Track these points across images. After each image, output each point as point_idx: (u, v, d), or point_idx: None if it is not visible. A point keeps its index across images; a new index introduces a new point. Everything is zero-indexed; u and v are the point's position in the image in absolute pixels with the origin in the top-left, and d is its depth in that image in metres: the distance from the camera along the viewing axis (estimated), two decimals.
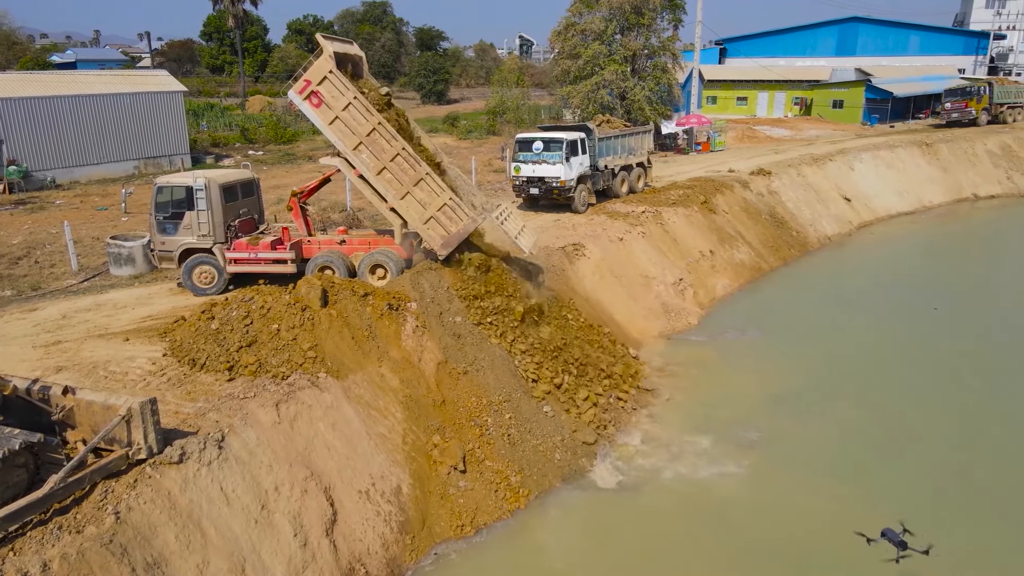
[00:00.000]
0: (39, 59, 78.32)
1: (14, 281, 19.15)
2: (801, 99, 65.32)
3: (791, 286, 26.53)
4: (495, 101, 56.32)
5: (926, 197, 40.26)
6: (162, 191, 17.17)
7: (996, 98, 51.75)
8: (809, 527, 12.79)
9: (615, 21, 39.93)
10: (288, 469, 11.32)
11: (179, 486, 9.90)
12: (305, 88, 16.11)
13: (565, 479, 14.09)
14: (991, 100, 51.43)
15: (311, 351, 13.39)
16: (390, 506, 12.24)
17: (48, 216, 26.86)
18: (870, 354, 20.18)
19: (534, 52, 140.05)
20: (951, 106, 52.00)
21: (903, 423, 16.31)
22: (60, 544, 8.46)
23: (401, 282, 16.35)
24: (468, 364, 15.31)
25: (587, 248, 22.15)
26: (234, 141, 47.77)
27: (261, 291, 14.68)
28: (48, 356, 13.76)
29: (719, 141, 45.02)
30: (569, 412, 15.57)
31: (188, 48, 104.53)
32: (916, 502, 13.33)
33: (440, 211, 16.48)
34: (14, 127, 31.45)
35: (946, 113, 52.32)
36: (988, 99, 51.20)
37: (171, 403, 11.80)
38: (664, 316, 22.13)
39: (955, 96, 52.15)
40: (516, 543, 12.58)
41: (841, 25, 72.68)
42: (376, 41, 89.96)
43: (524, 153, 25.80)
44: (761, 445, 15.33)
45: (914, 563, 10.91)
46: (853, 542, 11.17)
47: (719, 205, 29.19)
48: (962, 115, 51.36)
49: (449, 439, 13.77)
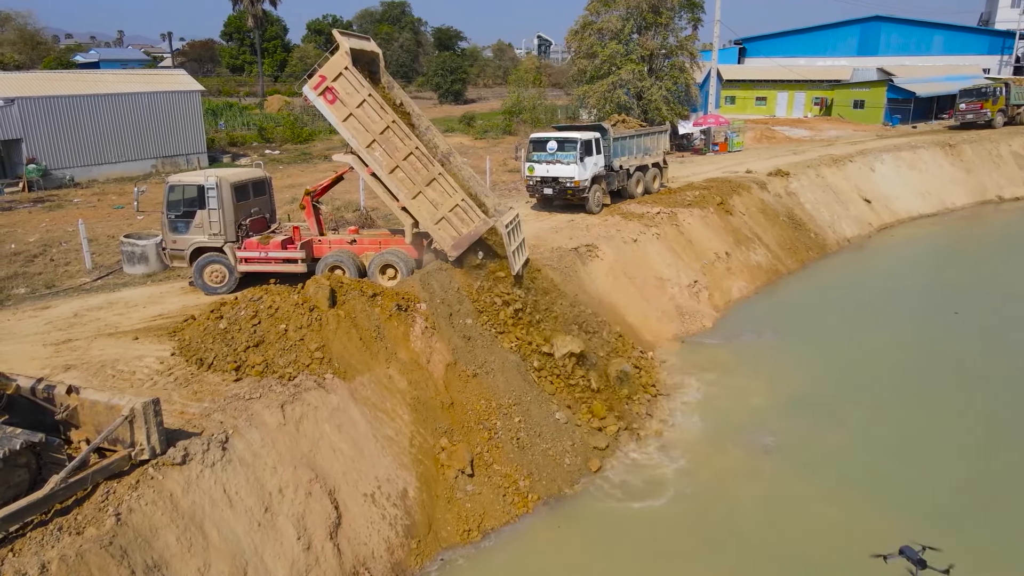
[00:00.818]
0: (63, 59, 79.35)
1: (29, 279, 19.27)
2: (821, 99, 64.51)
3: (809, 289, 26.11)
4: (511, 101, 56.15)
5: (949, 199, 39.53)
6: (174, 190, 17.17)
7: (1013, 99, 49.89)
8: (823, 537, 12.49)
9: (632, 20, 39.64)
10: (292, 471, 11.22)
11: (181, 487, 9.82)
12: (320, 84, 16.05)
13: (574, 484, 13.88)
14: (1008, 101, 49.58)
15: (318, 352, 13.29)
16: (396, 509, 12.10)
17: (65, 214, 27.07)
18: (888, 358, 19.77)
19: (552, 52, 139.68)
20: (965, 107, 50.27)
21: (921, 430, 15.93)
22: (60, 545, 8.40)
23: (411, 282, 16.23)
24: (478, 366, 15.15)
25: (600, 249, 21.90)
26: (251, 140, 48.01)
27: (269, 291, 14.61)
28: (58, 354, 13.77)
29: (737, 141, 44.52)
30: (581, 416, 15.37)
31: (209, 48, 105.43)
32: (934, 512, 13.02)
33: (452, 212, 16.36)
34: (34, 126, 31.77)
35: (960, 115, 50.61)
36: (1004, 100, 49.35)
37: (177, 403, 11.76)
38: (678, 318, 21.84)
39: (970, 97, 50.47)
40: (523, 549, 12.40)
41: (863, 24, 71.64)
42: (394, 41, 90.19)
43: (538, 153, 25.59)
44: (776, 451, 15.03)
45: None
46: (867, 555, 10.86)
47: (736, 206, 28.81)
48: (977, 116, 49.60)
49: (457, 442, 13.61)
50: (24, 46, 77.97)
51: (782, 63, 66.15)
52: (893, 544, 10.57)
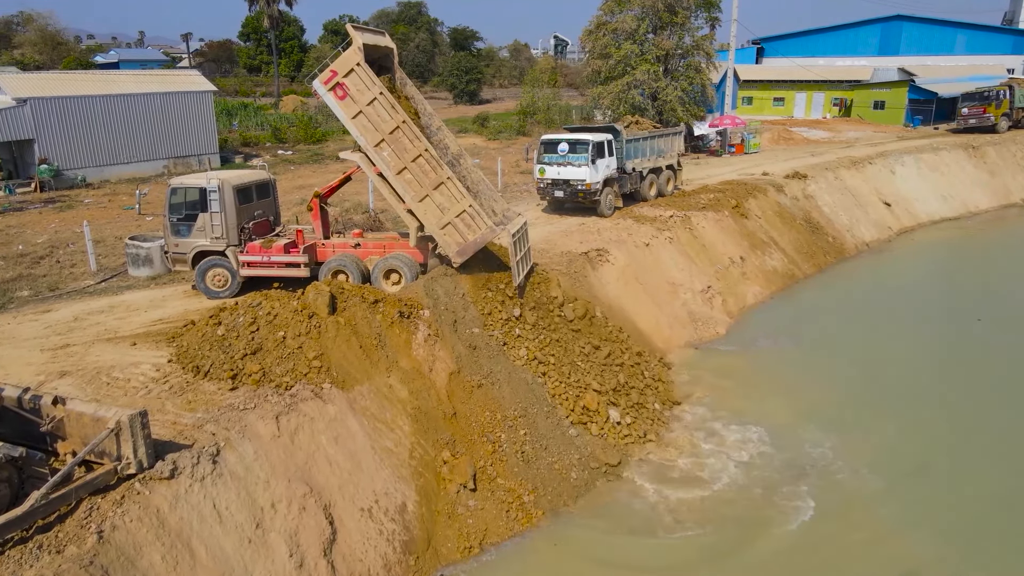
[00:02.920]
0: (83, 59, 79.94)
1: (33, 281, 19.13)
2: (840, 100, 63.49)
3: (826, 295, 25.43)
4: (526, 101, 55.72)
5: (972, 202, 38.62)
6: (176, 192, 16.93)
7: (1018, 102, 47.77)
8: (840, 558, 11.98)
9: (647, 20, 39.05)
10: (286, 485, 10.88)
11: (169, 503, 9.50)
12: (331, 79, 15.72)
13: (579, 499, 13.44)
14: (1012, 104, 47.46)
15: (316, 360, 12.94)
16: (394, 524, 11.73)
17: (76, 215, 27.01)
18: (909, 367, 19.13)
19: (568, 52, 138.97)
20: (968, 111, 48.24)
21: (942, 442, 15.35)
22: (38, 565, 8.09)
23: (415, 288, 15.87)
24: (483, 376, 14.75)
25: (611, 253, 21.41)
26: (264, 140, 47.94)
27: (269, 296, 14.29)
28: (54, 360, 13.53)
29: (753, 143, 43.80)
30: (588, 427, 14.88)
31: (227, 48, 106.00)
32: (954, 531, 12.44)
33: (459, 218, 15.97)
34: (46, 126, 31.81)
35: (963, 119, 48.58)
36: (1009, 103, 47.28)
37: (170, 413, 11.46)
38: (691, 325, 21.31)
39: (972, 101, 48.39)
40: (526, 562, 11.98)
41: (884, 24, 70.40)
42: (410, 41, 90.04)
43: (549, 155, 25.15)
44: (792, 466, 14.47)
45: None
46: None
47: (751, 209, 28.19)
48: (980, 120, 47.49)
49: (459, 455, 13.22)
50: (45, 46, 78.66)
51: (801, 63, 65.17)
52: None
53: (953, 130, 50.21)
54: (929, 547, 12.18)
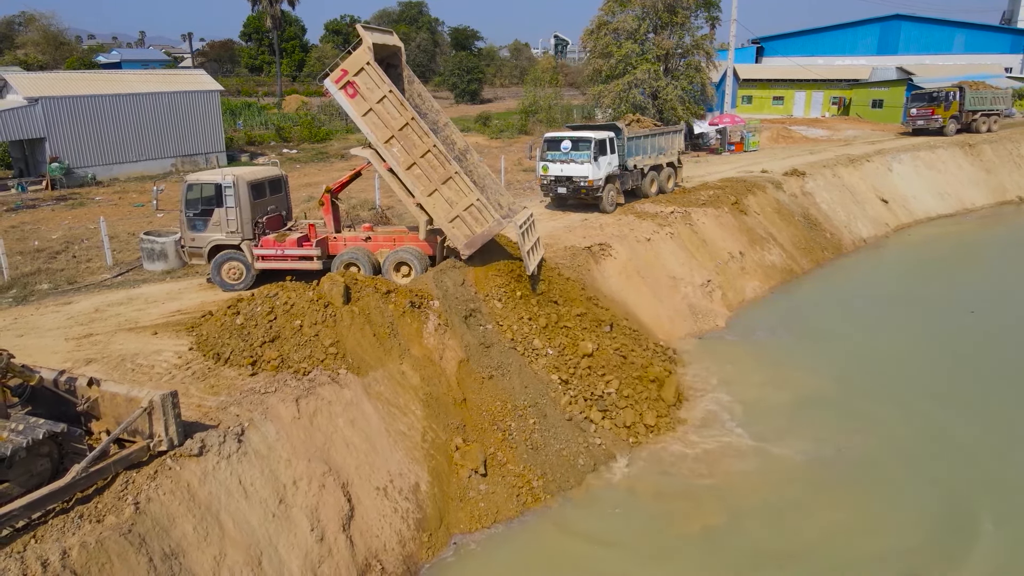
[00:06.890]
0: (85, 59, 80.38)
1: (51, 275, 19.65)
2: (839, 99, 64.04)
3: (824, 289, 25.97)
4: (528, 100, 56.26)
5: (968, 199, 39.17)
6: (192, 188, 17.45)
7: (968, 105, 46.62)
8: (833, 541, 12.50)
9: (648, 20, 39.55)
10: (306, 464, 11.42)
11: (198, 478, 10.04)
12: (342, 78, 16.24)
13: (587, 483, 13.96)
14: (962, 107, 46.38)
15: (332, 347, 13.48)
16: (408, 503, 12.27)
17: (87, 212, 27.55)
18: (904, 359, 19.64)
19: (569, 52, 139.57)
20: (916, 112, 47.38)
21: (938, 433, 15.84)
22: (80, 532, 8.63)
23: (425, 280, 16.40)
24: (494, 368, 15.26)
25: (613, 248, 21.97)
26: (269, 139, 48.48)
27: (285, 287, 14.83)
28: (79, 348, 14.08)
29: (753, 141, 44.35)
30: (595, 416, 15.37)
31: (228, 48, 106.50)
32: (949, 522, 12.88)
33: (467, 211, 16.50)
34: (56, 125, 32.34)
35: (912, 120, 47.75)
36: (959, 106, 46.25)
37: (194, 396, 12.00)
38: (691, 318, 21.86)
39: (920, 102, 47.25)
40: (533, 536, 12.52)
41: (883, 23, 70.98)
42: (411, 41, 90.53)
43: (552, 152, 25.69)
44: (790, 455, 14.97)
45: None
46: (872, 565, 10.85)
47: (750, 206, 28.74)
48: (928, 123, 46.49)
49: (471, 443, 13.74)
50: (47, 46, 79.08)
51: (800, 62, 65.74)
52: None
53: (903, 133, 49.39)
54: (920, 531, 12.70)
